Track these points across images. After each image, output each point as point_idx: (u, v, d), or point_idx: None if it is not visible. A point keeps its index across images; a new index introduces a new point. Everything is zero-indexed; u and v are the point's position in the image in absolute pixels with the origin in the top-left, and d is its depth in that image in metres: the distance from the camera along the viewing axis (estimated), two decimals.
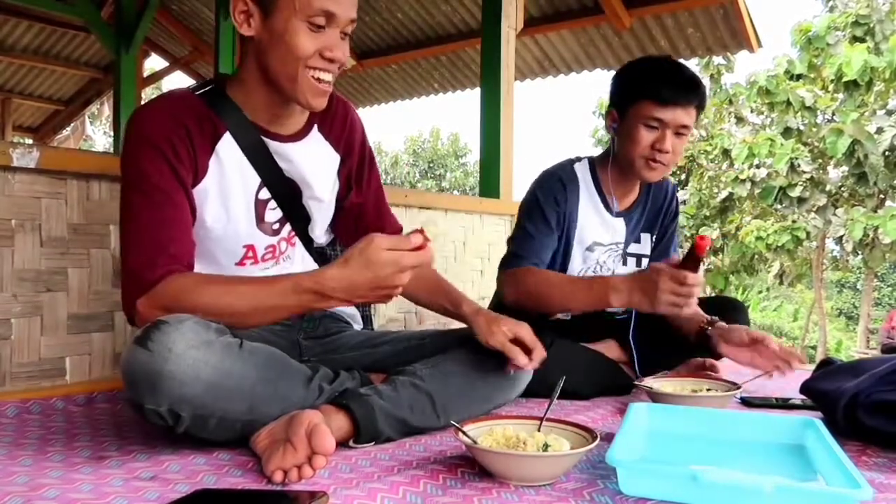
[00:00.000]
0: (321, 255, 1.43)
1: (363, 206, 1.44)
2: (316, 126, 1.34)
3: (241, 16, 1.16)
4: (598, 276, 1.70)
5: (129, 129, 1.18)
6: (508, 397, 1.33)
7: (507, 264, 1.72)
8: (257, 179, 1.26)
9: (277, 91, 1.20)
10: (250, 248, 1.28)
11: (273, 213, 1.30)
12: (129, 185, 1.16)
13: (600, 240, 1.78)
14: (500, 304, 1.83)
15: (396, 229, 1.49)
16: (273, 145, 1.27)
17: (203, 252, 1.24)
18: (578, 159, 1.81)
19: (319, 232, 1.41)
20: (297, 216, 1.33)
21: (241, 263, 1.28)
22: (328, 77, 1.17)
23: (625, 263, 1.85)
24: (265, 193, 1.28)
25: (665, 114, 1.58)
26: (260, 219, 1.29)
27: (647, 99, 1.59)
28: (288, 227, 1.33)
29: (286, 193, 1.30)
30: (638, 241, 1.86)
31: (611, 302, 1.53)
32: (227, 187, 1.23)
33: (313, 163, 1.33)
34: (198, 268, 1.21)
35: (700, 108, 1.63)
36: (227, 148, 1.22)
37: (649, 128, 1.60)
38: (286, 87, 1.17)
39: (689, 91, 1.59)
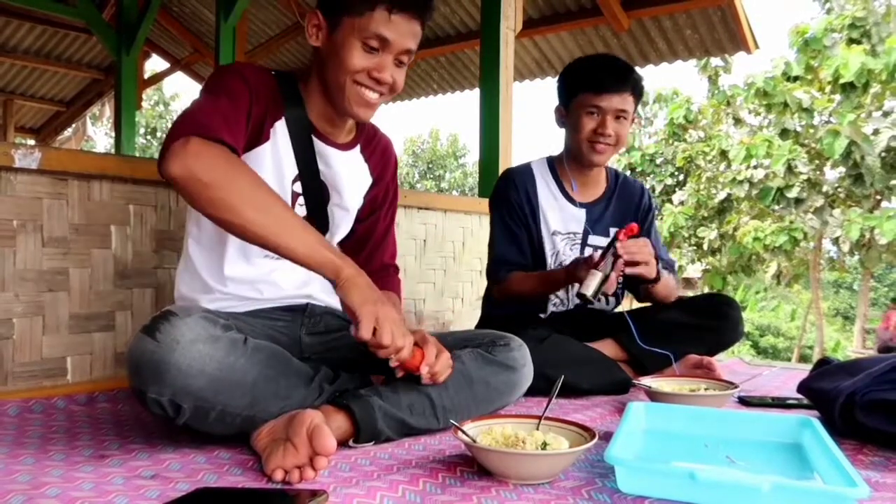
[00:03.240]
0: None
1: (373, 232, 1.51)
2: (360, 146, 1.43)
3: (313, 29, 1.28)
4: (553, 271, 1.84)
5: (221, 68, 1.29)
6: (508, 401, 1.32)
7: (490, 276, 1.91)
8: (295, 171, 1.32)
9: (331, 101, 1.30)
10: None
11: (300, 210, 1.34)
12: (202, 93, 1.22)
13: (558, 228, 1.89)
14: (487, 318, 1.98)
15: (390, 261, 1.55)
16: (319, 146, 1.35)
17: None
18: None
19: (336, 240, 1.44)
20: (319, 219, 1.37)
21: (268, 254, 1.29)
22: (374, 95, 1.26)
23: (582, 253, 1.93)
24: (298, 188, 1.33)
25: (601, 101, 1.74)
26: None
27: (585, 90, 1.76)
28: None
29: (316, 194, 1.35)
30: (606, 234, 1.92)
31: (561, 287, 1.79)
32: (275, 166, 1.29)
33: (348, 175, 1.40)
34: (228, 246, 1.28)
35: (636, 94, 1.78)
36: (280, 131, 1.30)
37: (590, 115, 1.77)
38: (335, 96, 1.27)
39: (620, 80, 1.75)
